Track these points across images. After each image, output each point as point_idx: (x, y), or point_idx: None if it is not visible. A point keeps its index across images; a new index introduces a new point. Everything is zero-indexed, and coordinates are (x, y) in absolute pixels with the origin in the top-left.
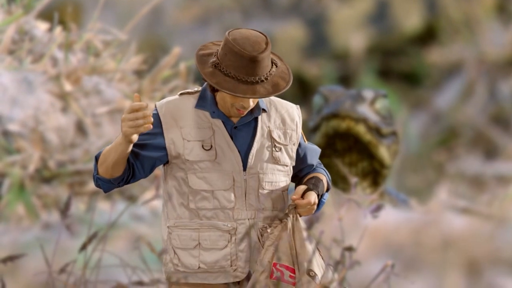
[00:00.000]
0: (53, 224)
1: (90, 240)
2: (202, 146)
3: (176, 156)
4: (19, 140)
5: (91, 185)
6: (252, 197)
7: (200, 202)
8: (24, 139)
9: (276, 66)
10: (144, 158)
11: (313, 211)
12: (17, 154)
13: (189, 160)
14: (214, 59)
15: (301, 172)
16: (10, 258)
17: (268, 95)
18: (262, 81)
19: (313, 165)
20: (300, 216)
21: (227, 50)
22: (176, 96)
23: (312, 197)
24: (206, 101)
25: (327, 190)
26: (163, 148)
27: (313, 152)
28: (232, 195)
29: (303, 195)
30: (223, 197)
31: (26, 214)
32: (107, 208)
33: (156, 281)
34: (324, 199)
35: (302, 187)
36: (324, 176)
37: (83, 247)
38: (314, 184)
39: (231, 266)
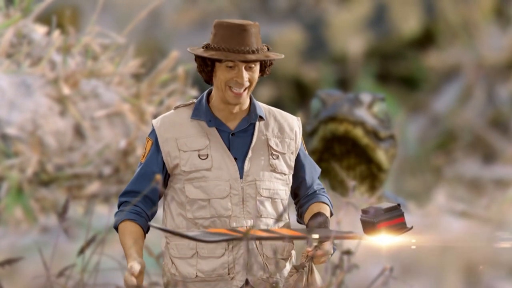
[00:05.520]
0: (51, 227)
1: (88, 244)
2: (199, 155)
3: (173, 167)
4: (17, 144)
5: (89, 189)
6: (250, 205)
7: (197, 211)
8: (22, 143)
9: (268, 50)
10: (153, 190)
11: (328, 259)
12: (15, 158)
13: (185, 170)
14: (205, 43)
15: (299, 190)
16: (8, 262)
17: (259, 60)
18: (254, 51)
19: (311, 184)
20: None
21: (217, 29)
22: (172, 111)
23: (328, 247)
24: (201, 111)
25: (331, 215)
26: (163, 165)
27: (313, 168)
28: (229, 203)
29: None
30: (220, 205)
31: (24, 217)
32: (105, 212)
33: (154, 284)
34: (335, 246)
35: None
36: (328, 207)
37: (81, 251)
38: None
39: (228, 274)
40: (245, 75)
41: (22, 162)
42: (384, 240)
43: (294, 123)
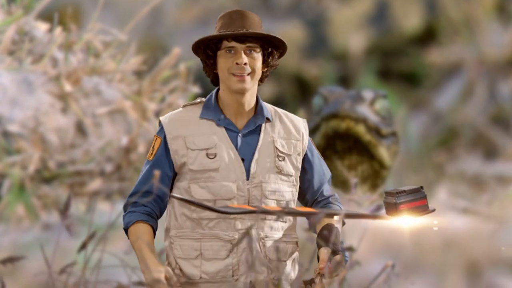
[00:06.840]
0: (53, 224)
1: (89, 239)
2: (207, 154)
3: (180, 166)
4: (19, 141)
5: (91, 186)
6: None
7: (203, 212)
8: (24, 140)
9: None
10: (161, 188)
11: (342, 271)
12: (17, 155)
13: (193, 169)
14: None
15: (307, 193)
16: (10, 260)
17: (257, 34)
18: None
19: (319, 188)
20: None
21: (218, 21)
22: (180, 109)
23: (339, 260)
24: (211, 110)
25: (343, 224)
26: (172, 164)
27: (321, 172)
28: (235, 204)
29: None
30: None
31: (26, 214)
32: (107, 209)
33: (156, 281)
34: (347, 257)
35: (326, 253)
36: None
37: (83, 247)
38: (334, 244)
39: (232, 276)
40: (245, 57)
41: (24, 159)
42: (407, 221)
43: (300, 124)
